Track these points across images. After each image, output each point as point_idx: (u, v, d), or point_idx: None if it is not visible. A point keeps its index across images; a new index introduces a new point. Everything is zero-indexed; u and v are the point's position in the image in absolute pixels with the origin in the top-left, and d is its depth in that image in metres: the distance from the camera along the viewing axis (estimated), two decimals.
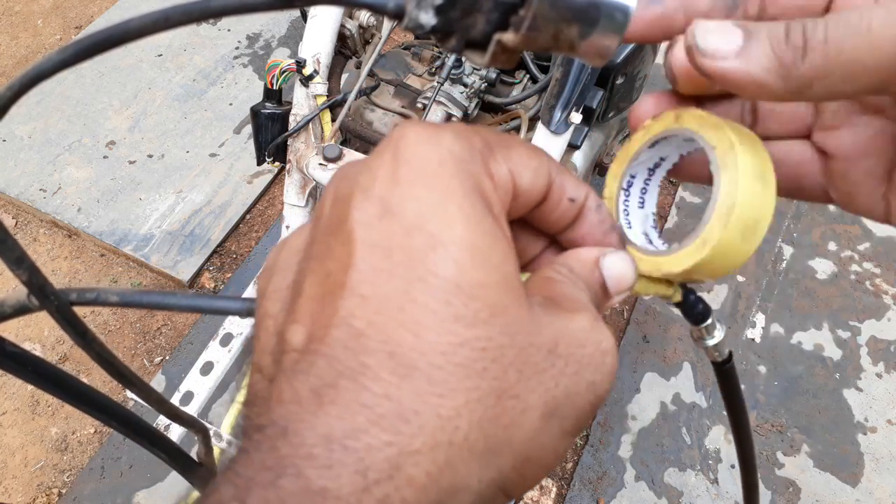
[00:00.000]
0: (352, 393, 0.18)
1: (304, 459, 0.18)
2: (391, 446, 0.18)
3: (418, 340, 0.19)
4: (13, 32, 2.25)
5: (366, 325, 0.19)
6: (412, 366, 0.18)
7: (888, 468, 1.47)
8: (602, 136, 1.18)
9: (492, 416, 0.19)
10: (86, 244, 1.79)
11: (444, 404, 0.18)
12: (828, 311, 1.70)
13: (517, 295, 0.20)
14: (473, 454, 0.19)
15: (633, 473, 1.44)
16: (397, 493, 0.18)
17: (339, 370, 0.19)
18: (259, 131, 1.05)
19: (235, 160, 1.93)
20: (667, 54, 0.26)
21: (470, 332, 0.19)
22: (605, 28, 0.22)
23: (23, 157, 1.91)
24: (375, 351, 0.19)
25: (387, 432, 0.18)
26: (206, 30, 2.26)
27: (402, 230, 0.20)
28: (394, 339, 0.19)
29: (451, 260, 0.19)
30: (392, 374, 0.18)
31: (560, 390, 0.21)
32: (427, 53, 1.22)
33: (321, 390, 0.18)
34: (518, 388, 0.20)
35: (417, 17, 0.21)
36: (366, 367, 0.18)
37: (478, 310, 0.19)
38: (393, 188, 0.20)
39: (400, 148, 0.21)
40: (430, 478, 0.18)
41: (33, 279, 0.28)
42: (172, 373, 1.55)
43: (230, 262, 1.77)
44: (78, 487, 1.41)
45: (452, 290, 0.19)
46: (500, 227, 0.21)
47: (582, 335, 0.22)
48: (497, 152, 0.23)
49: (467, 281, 0.19)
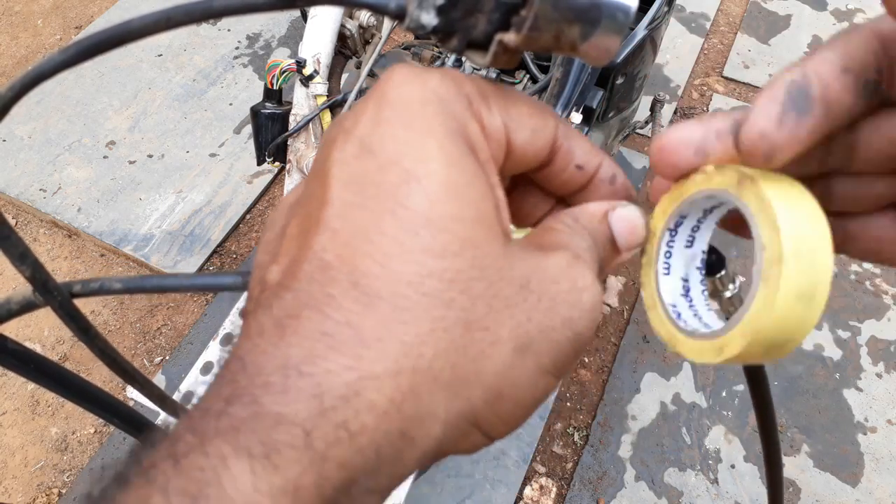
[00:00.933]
0: (314, 322, 0.18)
1: (259, 388, 0.17)
2: (350, 370, 0.18)
3: (384, 270, 0.18)
4: (13, 32, 2.25)
5: (334, 257, 0.19)
6: (376, 294, 0.18)
7: (888, 468, 1.47)
8: (602, 136, 1.18)
9: (459, 347, 0.19)
10: (86, 244, 1.79)
11: (408, 331, 0.18)
12: (828, 311, 1.70)
13: (491, 232, 0.20)
14: (438, 383, 0.19)
15: (633, 473, 1.44)
16: (357, 419, 0.17)
17: (304, 301, 0.18)
18: (259, 131, 1.05)
19: (235, 160, 1.93)
20: None
21: (437, 263, 0.19)
22: (606, 28, 0.22)
23: (23, 157, 1.91)
24: (340, 281, 0.18)
25: (346, 357, 0.18)
26: (206, 30, 2.26)
27: (377, 166, 0.20)
28: (359, 269, 0.18)
29: (423, 193, 0.19)
30: (355, 303, 0.18)
31: (533, 325, 0.20)
32: (427, 53, 1.22)
33: (284, 321, 0.18)
34: (488, 321, 0.19)
35: (419, 18, 0.21)
36: (330, 298, 0.18)
37: (447, 242, 0.19)
38: (373, 128, 0.20)
39: (385, 89, 0.21)
40: (392, 403, 0.18)
41: (37, 275, 0.28)
42: (172, 373, 1.55)
43: (230, 262, 1.77)
44: (78, 487, 1.41)
45: (422, 222, 0.19)
46: (483, 171, 0.21)
47: (556, 271, 0.22)
48: (492, 102, 0.22)
49: (438, 214, 0.19)
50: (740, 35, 2.32)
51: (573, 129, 0.25)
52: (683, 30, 2.33)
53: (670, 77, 2.18)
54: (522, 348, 0.20)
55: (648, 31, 1.04)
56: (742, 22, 2.37)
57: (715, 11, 2.41)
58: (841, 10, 2.41)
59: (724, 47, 2.30)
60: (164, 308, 1.68)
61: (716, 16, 2.40)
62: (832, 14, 2.40)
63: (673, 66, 2.22)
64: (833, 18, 2.38)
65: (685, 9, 2.39)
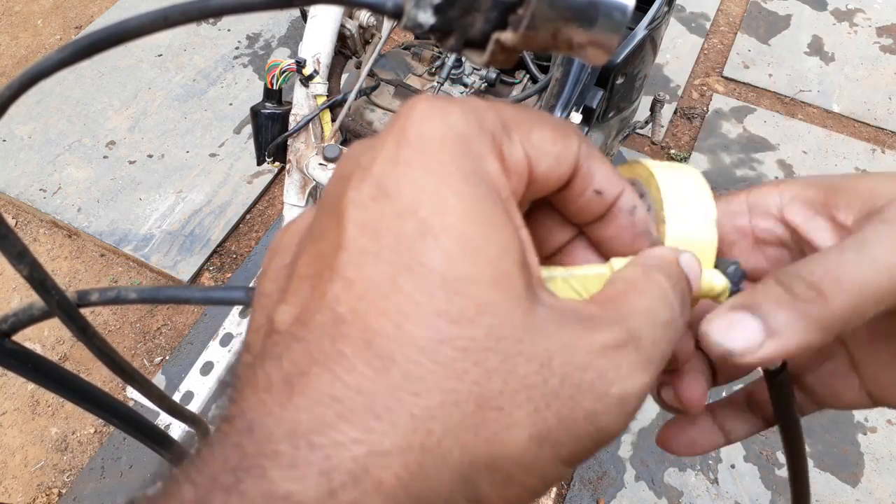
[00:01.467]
0: (323, 383, 0.17)
1: (268, 458, 0.17)
2: (359, 444, 0.17)
3: (398, 332, 0.17)
4: (13, 32, 2.25)
5: (347, 310, 0.18)
6: (389, 358, 0.17)
7: (888, 468, 1.47)
8: (602, 136, 1.18)
9: (469, 426, 0.18)
10: (86, 244, 1.79)
11: (418, 403, 0.17)
12: None
13: (511, 294, 0.19)
14: (447, 463, 0.17)
15: (633, 473, 1.44)
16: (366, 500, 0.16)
17: (315, 357, 0.18)
18: (259, 131, 1.05)
19: (235, 160, 1.93)
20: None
21: (452, 330, 0.18)
22: (603, 27, 0.22)
23: (23, 157, 1.91)
24: (353, 338, 0.18)
25: (355, 428, 0.17)
26: (206, 30, 2.26)
27: (395, 213, 0.19)
28: (373, 327, 0.18)
29: (440, 250, 0.18)
30: (367, 366, 0.17)
31: (552, 413, 0.18)
32: (427, 53, 1.22)
33: (293, 378, 0.17)
34: (502, 400, 0.18)
35: (416, 17, 0.21)
36: (341, 356, 0.17)
37: (463, 306, 0.18)
38: (391, 169, 0.19)
39: (404, 125, 0.20)
40: (399, 482, 0.17)
41: (34, 274, 0.28)
42: (172, 373, 1.55)
43: (230, 262, 1.77)
44: (78, 487, 1.41)
45: (438, 282, 0.18)
46: (505, 216, 0.20)
47: (586, 357, 0.19)
48: (514, 132, 0.21)
49: (455, 274, 0.18)
50: (740, 35, 2.32)
51: (596, 150, 0.23)
52: (683, 30, 2.33)
53: (670, 77, 2.18)
54: (540, 438, 0.18)
55: (648, 31, 1.04)
56: (742, 22, 2.37)
57: (715, 11, 2.41)
58: (841, 10, 2.41)
59: (724, 47, 2.30)
60: (164, 308, 1.68)
61: (716, 16, 2.40)
62: (832, 14, 2.40)
63: (673, 66, 2.22)
64: (833, 18, 2.38)
65: (685, 9, 2.39)
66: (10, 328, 0.32)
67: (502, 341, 0.18)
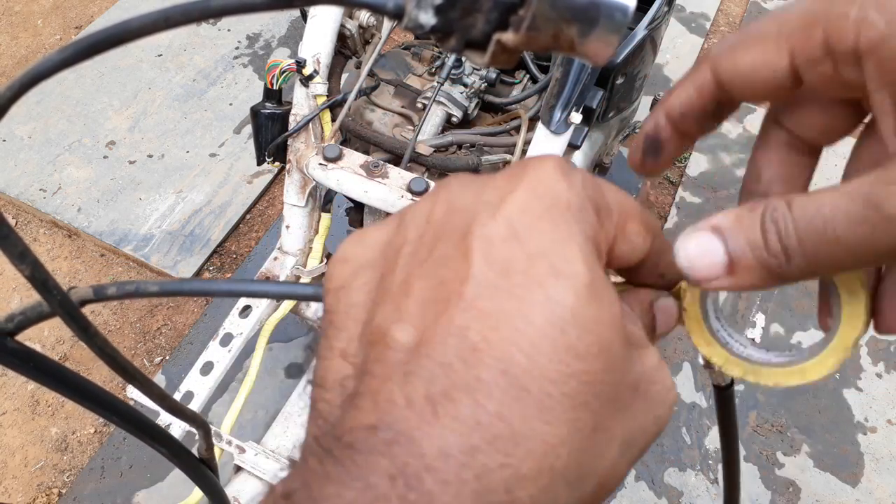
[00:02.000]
0: (467, 408, 0.19)
1: (426, 472, 0.18)
2: (505, 468, 0.18)
3: (531, 364, 0.19)
4: (13, 32, 2.25)
5: (481, 339, 0.19)
6: (524, 388, 0.19)
7: (888, 468, 1.47)
8: (602, 136, 1.18)
9: (585, 448, 0.20)
10: (86, 244, 1.79)
11: (550, 432, 0.19)
12: None
13: (620, 335, 0.21)
14: (566, 482, 0.19)
15: (633, 473, 1.44)
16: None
17: (454, 380, 0.19)
18: (259, 131, 1.05)
19: (235, 160, 1.93)
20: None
21: (579, 365, 0.19)
22: (605, 28, 0.22)
23: (23, 157, 1.91)
24: (490, 367, 0.19)
25: (501, 454, 0.18)
26: (206, 30, 2.26)
27: (525, 255, 0.20)
28: (507, 357, 0.19)
29: (571, 289, 0.20)
30: (505, 394, 0.19)
31: (636, 424, 0.22)
32: (427, 53, 1.22)
33: (436, 399, 0.19)
34: (609, 423, 0.21)
35: (417, 17, 0.21)
36: (480, 382, 0.19)
37: (590, 343, 0.20)
38: (521, 216, 0.21)
39: (539, 179, 0.22)
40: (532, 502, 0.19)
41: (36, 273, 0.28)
42: (172, 373, 1.55)
43: (230, 262, 1.77)
44: (78, 487, 1.41)
45: (570, 319, 0.20)
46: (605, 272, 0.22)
47: (654, 373, 0.23)
48: (615, 216, 0.24)
49: (583, 314, 0.20)
50: None
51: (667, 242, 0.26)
52: (683, 30, 2.33)
53: (670, 77, 2.18)
54: (626, 446, 0.22)
55: (648, 31, 1.04)
56: (742, 22, 2.38)
57: (715, 11, 2.41)
58: None
59: None
60: (164, 308, 1.68)
61: (716, 16, 2.40)
62: None
63: (673, 66, 2.22)
64: None
65: (685, 9, 2.39)
66: (16, 327, 0.32)
67: (614, 374, 0.21)
